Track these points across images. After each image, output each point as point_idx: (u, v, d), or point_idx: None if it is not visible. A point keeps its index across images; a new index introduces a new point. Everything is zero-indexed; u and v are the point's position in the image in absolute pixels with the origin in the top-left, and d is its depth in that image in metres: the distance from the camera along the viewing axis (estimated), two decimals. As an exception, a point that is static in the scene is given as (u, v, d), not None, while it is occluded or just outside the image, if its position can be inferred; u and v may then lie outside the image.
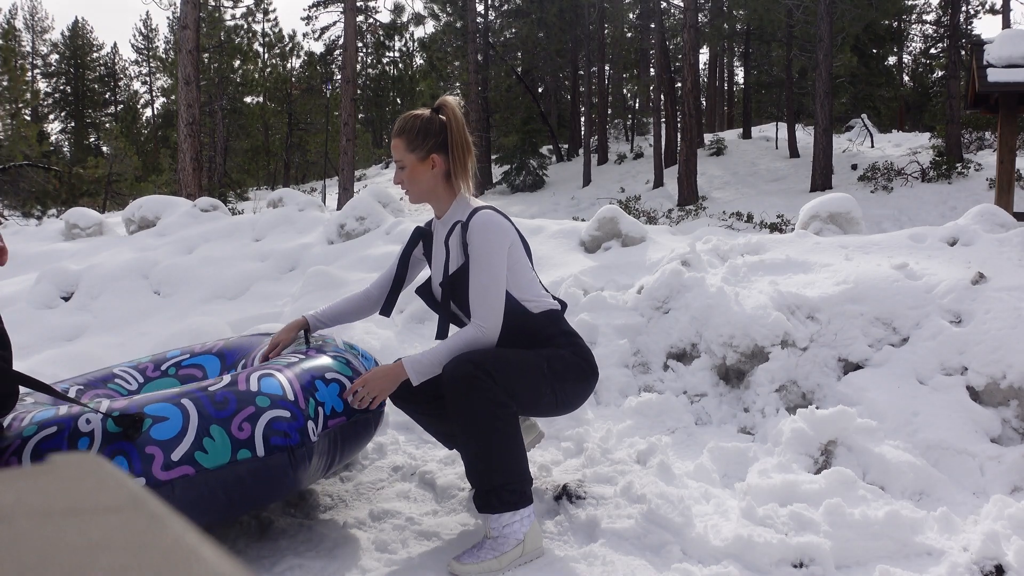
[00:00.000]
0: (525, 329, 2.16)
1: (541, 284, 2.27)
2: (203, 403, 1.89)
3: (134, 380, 2.60)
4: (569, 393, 2.16)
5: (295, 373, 2.10)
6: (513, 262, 2.14)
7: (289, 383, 2.04)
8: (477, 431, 1.96)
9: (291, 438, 1.92)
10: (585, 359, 2.20)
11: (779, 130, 25.19)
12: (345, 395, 2.14)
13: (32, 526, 0.31)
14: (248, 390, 1.96)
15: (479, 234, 2.06)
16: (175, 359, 2.67)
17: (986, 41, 8.21)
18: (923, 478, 2.40)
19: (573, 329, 2.27)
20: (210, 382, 2.01)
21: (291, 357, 2.24)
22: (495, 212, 2.15)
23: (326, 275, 4.75)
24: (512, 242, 2.13)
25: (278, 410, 1.95)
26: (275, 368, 2.11)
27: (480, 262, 2.05)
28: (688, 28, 18.73)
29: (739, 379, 3.21)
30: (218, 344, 2.72)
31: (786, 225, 13.57)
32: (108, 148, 29.70)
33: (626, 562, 2.02)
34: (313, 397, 2.06)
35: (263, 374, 2.05)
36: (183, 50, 12.40)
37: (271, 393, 1.98)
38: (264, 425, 1.90)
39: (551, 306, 2.22)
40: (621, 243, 4.79)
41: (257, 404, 1.93)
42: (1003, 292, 2.94)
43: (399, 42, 35.38)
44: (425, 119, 2.15)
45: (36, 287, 5.38)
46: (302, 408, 2.00)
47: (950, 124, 17.65)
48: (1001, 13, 22.31)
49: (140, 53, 48.42)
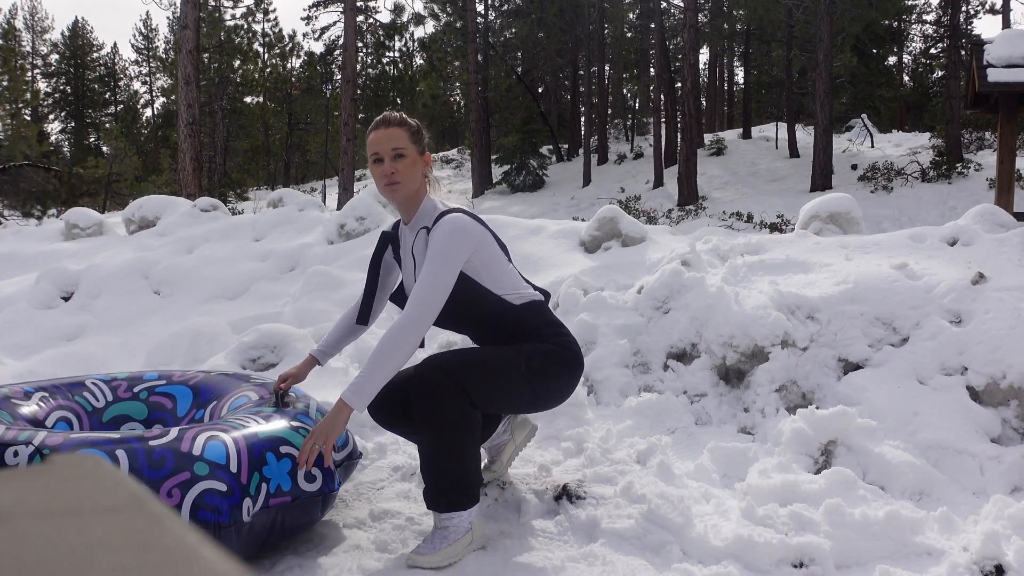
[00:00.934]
0: (508, 323, 2.16)
1: (522, 277, 2.28)
2: (138, 457, 1.79)
3: (102, 397, 2.53)
4: (551, 388, 2.17)
5: (248, 441, 1.96)
6: (486, 259, 2.12)
7: (236, 452, 1.91)
8: (434, 434, 2.03)
9: (221, 515, 1.80)
10: (569, 349, 2.19)
11: (779, 130, 25.18)
12: (300, 463, 2.00)
13: (32, 526, 0.31)
14: (189, 452, 1.84)
15: (437, 238, 2.04)
16: (150, 383, 2.59)
17: (986, 41, 8.21)
18: (923, 478, 2.40)
19: (557, 319, 2.27)
20: (155, 433, 1.90)
21: (251, 420, 2.09)
22: (462, 215, 2.12)
23: (326, 275, 4.75)
24: (480, 243, 2.10)
25: (214, 481, 1.82)
26: (229, 430, 1.98)
27: (429, 264, 2.01)
28: (688, 28, 18.73)
29: (739, 379, 3.21)
30: (197, 376, 2.63)
31: (786, 225, 13.57)
32: (108, 148, 29.70)
33: (626, 562, 2.02)
34: (259, 471, 1.92)
35: (212, 436, 1.92)
36: (183, 50, 12.40)
37: (212, 460, 1.85)
38: (195, 495, 1.78)
39: (533, 297, 2.21)
40: (621, 243, 4.79)
41: (194, 471, 1.81)
42: (1003, 292, 2.94)
43: (399, 42, 35.37)
44: (417, 120, 2.20)
45: (36, 287, 5.38)
46: (242, 483, 1.87)
47: (950, 124, 17.64)
48: (1001, 13, 22.32)
49: (140, 53, 48.42)
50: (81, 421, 2.45)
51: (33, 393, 2.40)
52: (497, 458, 2.50)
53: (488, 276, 2.12)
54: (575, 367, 2.21)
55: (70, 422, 2.42)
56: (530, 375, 2.10)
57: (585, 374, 3.38)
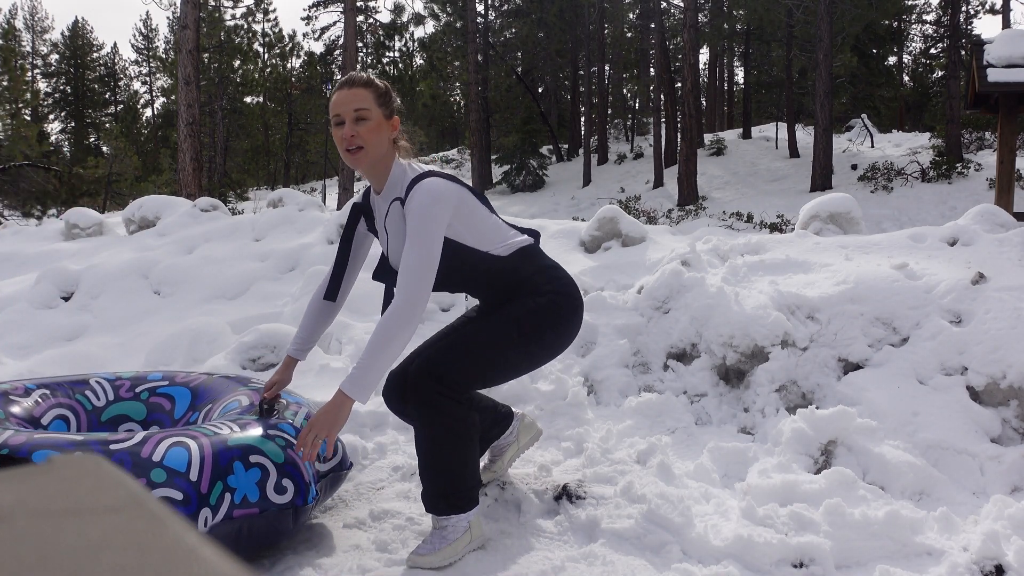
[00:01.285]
0: (500, 275, 2.12)
1: (507, 223, 2.21)
2: None
3: (103, 396, 2.52)
4: (549, 344, 2.14)
5: (215, 448, 1.90)
6: (467, 218, 2.04)
7: (200, 459, 1.85)
8: (431, 440, 2.03)
9: None
10: (564, 294, 2.13)
11: (779, 130, 25.18)
12: (295, 450, 1.96)
13: (32, 526, 0.31)
14: (148, 458, 1.80)
15: (414, 212, 1.93)
16: (153, 383, 2.58)
17: (986, 41, 8.21)
18: (923, 478, 2.40)
19: (550, 261, 2.21)
20: (119, 437, 1.86)
21: (226, 426, 2.03)
22: (434, 179, 1.99)
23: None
24: (458, 203, 2.00)
25: (169, 489, 1.77)
26: (199, 436, 1.93)
27: (412, 239, 1.92)
28: (688, 28, 18.73)
29: (739, 379, 3.21)
30: (199, 378, 2.60)
31: (786, 225, 13.57)
32: (108, 148, 29.70)
33: (626, 562, 2.02)
34: (224, 481, 1.86)
35: (176, 442, 1.87)
36: (183, 50, 12.40)
37: (171, 467, 1.81)
38: None
39: (521, 244, 2.15)
40: (621, 243, 4.79)
41: (150, 477, 1.77)
42: (1003, 292, 2.94)
43: (399, 42, 35.35)
44: (385, 82, 2.07)
45: (36, 287, 5.38)
46: (201, 492, 1.81)
47: (950, 124, 17.64)
48: (1001, 13, 22.32)
49: (140, 53, 48.41)
50: (79, 419, 2.45)
51: (34, 390, 2.40)
52: (498, 458, 2.50)
53: (471, 235, 2.05)
54: (571, 314, 2.15)
55: (67, 420, 2.41)
56: (524, 341, 2.07)
57: (585, 374, 3.38)
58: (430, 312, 4.02)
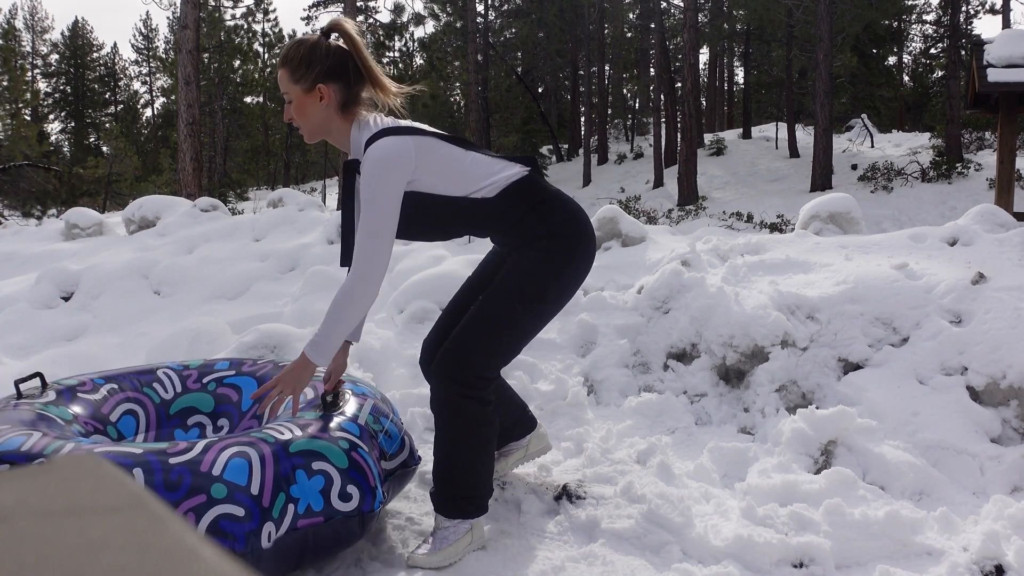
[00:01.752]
0: (493, 219, 1.99)
1: (494, 157, 2.02)
2: (155, 477, 1.69)
3: (171, 388, 2.47)
4: (556, 295, 2.02)
5: (276, 457, 1.83)
6: (436, 167, 1.90)
7: (261, 470, 1.78)
8: (450, 442, 2.02)
9: (236, 542, 1.68)
10: (561, 235, 1.97)
11: (779, 130, 25.18)
12: (260, 408, 1.89)
13: (32, 526, 0.31)
14: (208, 472, 1.72)
15: (363, 182, 1.85)
16: (220, 373, 2.53)
17: (986, 41, 8.21)
18: (923, 478, 2.40)
19: (545, 194, 2.01)
20: (180, 447, 1.79)
21: (287, 429, 1.95)
22: (386, 140, 1.85)
23: (326, 275, 4.75)
24: (417, 158, 1.87)
25: (231, 505, 1.70)
26: (258, 443, 1.85)
27: (363, 213, 1.85)
28: (688, 28, 18.73)
29: (739, 379, 3.21)
30: (266, 367, 2.55)
31: (786, 225, 13.57)
32: (108, 148, 29.71)
33: (626, 562, 2.02)
34: (286, 491, 1.80)
35: (236, 452, 1.79)
36: (183, 50, 12.40)
37: (231, 481, 1.73)
38: (209, 521, 1.67)
39: (509, 180, 1.98)
40: (621, 243, 4.79)
41: (211, 494, 1.70)
42: (1003, 292, 2.94)
43: (399, 42, 35.35)
44: (310, 45, 1.89)
45: (36, 287, 5.38)
46: (263, 506, 1.75)
47: (950, 124, 17.64)
48: (1001, 13, 22.32)
49: (140, 53, 48.42)
50: (147, 413, 2.41)
51: (102, 384, 2.37)
52: (504, 458, 2.50)
53: (444, 182, 1.92)
54: (569, 256, 1.99)
55: (136, 415, 2.38)
56: (528, 305, 1.98)
57: (585, 374, 3.38)
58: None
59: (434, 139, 1.94)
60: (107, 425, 2.29)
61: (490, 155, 2.03)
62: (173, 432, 2.45)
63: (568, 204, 2.04)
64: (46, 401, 2.18)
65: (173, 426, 2.45)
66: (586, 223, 2.04)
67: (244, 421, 2.44)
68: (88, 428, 2.22)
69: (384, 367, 3.38)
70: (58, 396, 2.24)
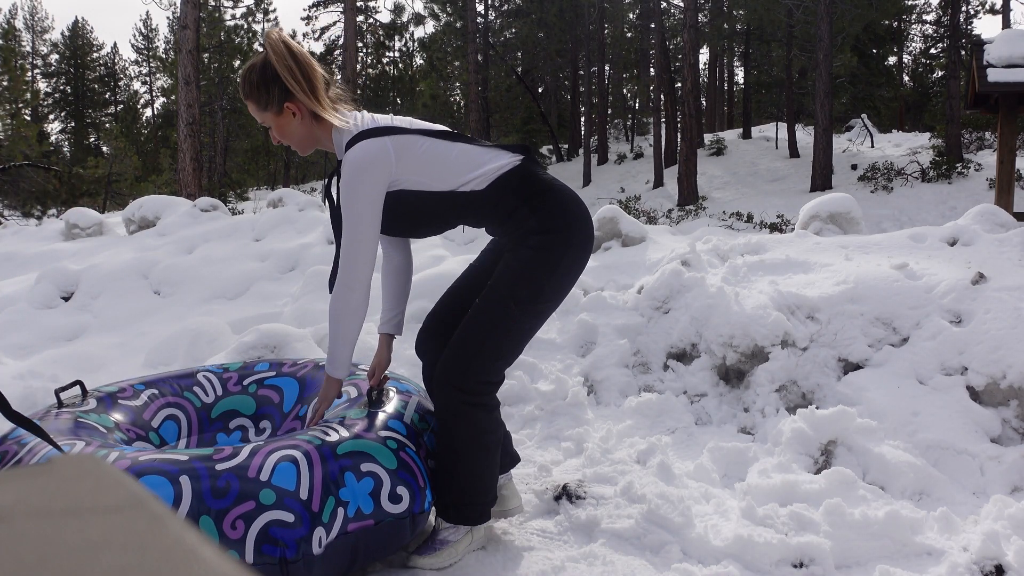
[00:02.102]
0: (484, 211, 1.96)
1: (484, 147, 1.98)
2: (203, 484, 1.65)
3: (212, 391, 2.44)
4: (553, 293, 1.97)
5: (324, 460, 1.79)
6: (415, 161, 1.88)
7: (309, 474, 1.74)
8: (453, 451, 2.00)
9: (287, 549, 1.64)
10: (553, 230, 1.92)
11: (779, 130, 25.18)
12: (311, 422, 1.98)
13: (32, 526, 0.31)
14: (256, 478, 1.69)
15: (342, 184, 1.84)
16: (260, 374, 2.51)
17: (986, 41, 8.21)
18: (923, 478, 2.40)
19: (538, 186, 1.96)
20: (225, 452, 1.75)
21: (333, 430, 1.91)
22: (363, 145, 1.84)
23: (326, 275, 4.75)
24: (396, 160, 1.86)
25: (281, 511, 1.67)
26: (304, 445, 1.80)
27: (344, 216, 1.85)
28: (688, 28, 18.72)
29: (739, 379, 3.21)
30: (306, 367, 2.52)
31: (786, 225, 13.56)
32: (108, 148, 29.70)
33: (626, 562, 2.02)
34: (335, 495, 1.75)
35: (283, 456, 1.75)
36: (183, 50, 12.40)
37: (280, 487, 1.69)
38: (259, 528, 1.63)
39: (500, 171, 1.93)
40: (621, 243, 4.79)
41: (259, 500, 1.66)
42: (1003, 292, 2.94)
43: (399, 42, 35.38)
44: (260, 67, 1.88)
45: (36, 287, 5.38)
46: (313, 511, 1.70)
47: (950, 124, 17.64)
48: (1001, 13, 22.32)
49: (140, 53, 48.40)
50: (189, 418, 2.39)
51: (143, 390, 2.36)
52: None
53: (432, 178, 1.90)
54: (563, 251, 1.94)
55: (177, 420, 2.36)
56: (524, 306, 1.94)
57: (585, 374, 3.38)
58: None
59: (415, 136, 1.91)
60: (149, 431, 2.27)
61: (482, 145, 1.99)
62: (215, 436, 2.42)
63: (560, 193, 1.99)
64: (87, 409, 2.16)
65: (215, 430, 2.42)
66: (580, 212, 1.99)
67: (287, 423, 2.42)
68: (130, 435, 2.19)
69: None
70: (99, 403, 2.22)
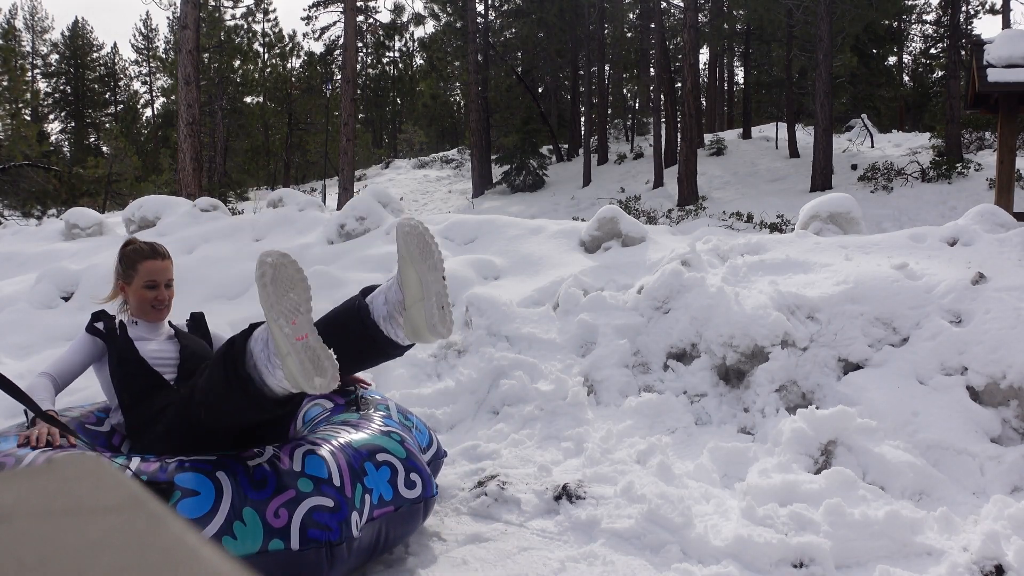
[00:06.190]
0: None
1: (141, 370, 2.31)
2: (239, 478, 1.69)
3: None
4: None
5: (344, 452, 1.88)
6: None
7: (336, 464, 1.83)
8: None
9: (331, 532, 1.70)
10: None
11: (779, 130, 25.16)
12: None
13: (32, 526, 0.31)
14: (290, 469, 1.75)
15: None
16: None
17: (986, 41, 8.20)
18: (923, 478, 2.40)
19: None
20: (250, 452, 1.81)
21: (340, 429, 2.01)
22: None
23: (326, 275, 4.75)
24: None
25: (321, 497, 1.73)
26: (322, 443, 1.89)
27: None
28: (688, 28, 18.72)
29: (739, 379, 3.21)
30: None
31: (786, 225, 13.56)
32: (108, 148, 29.68)
33: (626, 562, 2.02)
34: (361, 483, 1.84)
35: (308, 450, 1.83)
36: (183, 50, 12.40)
37: (315, 475, 1.77)
38: (303, 514, 1.69)
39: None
40: (621, 243, 4.79)
41: (298, 488, 1.73)
42: (1003, 292, 2.94)
43: (399, 42, 35.35)
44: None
45: (36, 287, 5.38)
46: (347, 496, 1.78)
47: (950, 124, 17.63)
48: (1001, 13, 22.31)
49: (140, 53, 48.38)
50: None
51: (104, 418, 2.39)
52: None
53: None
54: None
55: None
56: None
57: (585, 374, 3.38)
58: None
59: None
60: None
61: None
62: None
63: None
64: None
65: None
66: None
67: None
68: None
69: (384, 368, 3.38)
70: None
